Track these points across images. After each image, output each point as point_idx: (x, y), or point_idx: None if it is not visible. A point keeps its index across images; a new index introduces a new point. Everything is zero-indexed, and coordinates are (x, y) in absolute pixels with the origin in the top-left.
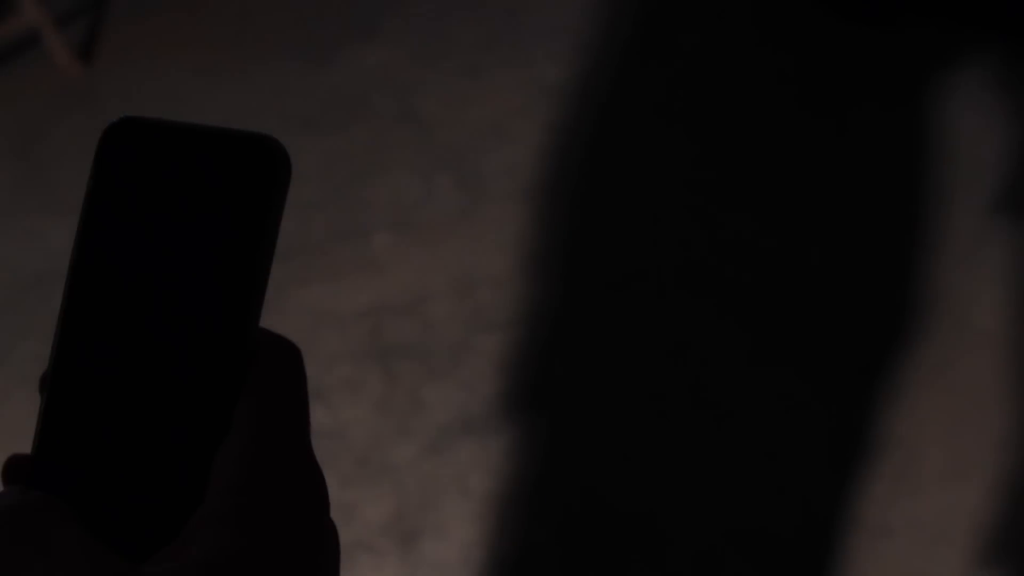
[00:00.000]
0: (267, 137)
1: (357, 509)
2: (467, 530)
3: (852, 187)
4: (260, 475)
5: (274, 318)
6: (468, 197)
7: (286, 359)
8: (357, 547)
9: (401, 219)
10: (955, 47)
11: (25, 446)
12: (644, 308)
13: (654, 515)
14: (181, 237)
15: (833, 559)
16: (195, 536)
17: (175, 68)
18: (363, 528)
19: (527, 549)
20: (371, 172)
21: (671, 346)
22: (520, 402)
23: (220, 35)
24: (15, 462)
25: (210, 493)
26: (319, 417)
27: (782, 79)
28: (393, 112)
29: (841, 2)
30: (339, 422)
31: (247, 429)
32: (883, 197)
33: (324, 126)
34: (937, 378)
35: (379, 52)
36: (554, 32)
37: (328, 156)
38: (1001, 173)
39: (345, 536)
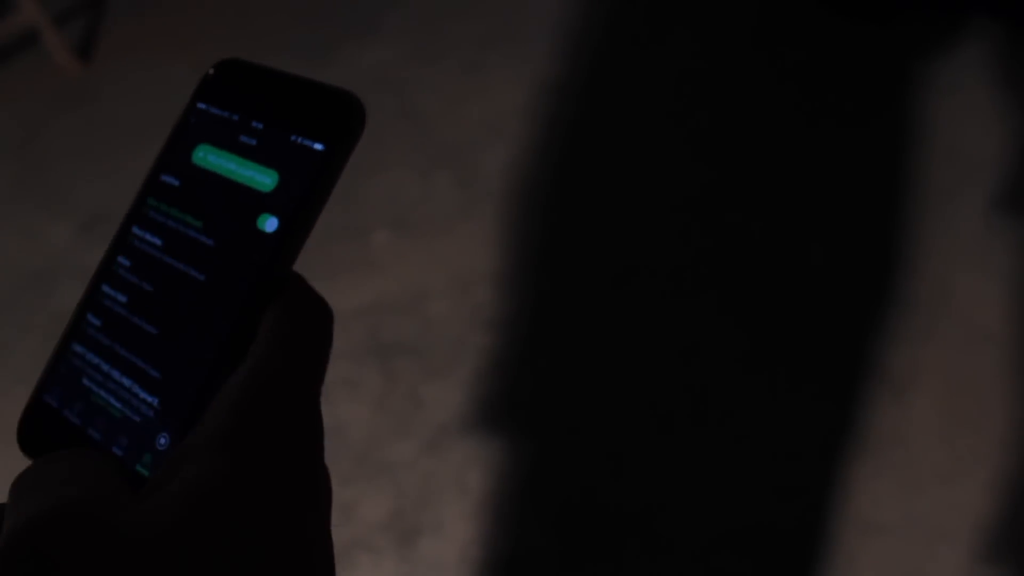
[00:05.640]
0: (347, 91)
1: (355, 508)
2: (466, 528)
3: (853, 185)
4: (260, 405)
5: None
6: (467, 195)
7: (313, 312)
8: (356, 546)
9: (400, 217)
10: (953, 44)
11: None
12: (643, 306)
13: (653, 513)
14: (245, 168)
15: (832, 557)
16: (187, 458)
17: (173, 66)
18: (362, 527)
19: (525, 547)
20: (370, 170)
21: (671, 344)
22: (518, 400)
23: (218, 33)
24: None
25: (208, 415)
26: None
27: (783, 76)
28: (392, 110)
29: (842, 0)
30: (337, 420)
31: (257, 362)
32: (884, 195)
33: None
34: (937, 377)
35: (378, 50)
36: (553, 29)
37: None
38: (1002, 170)
39: (343, 535)
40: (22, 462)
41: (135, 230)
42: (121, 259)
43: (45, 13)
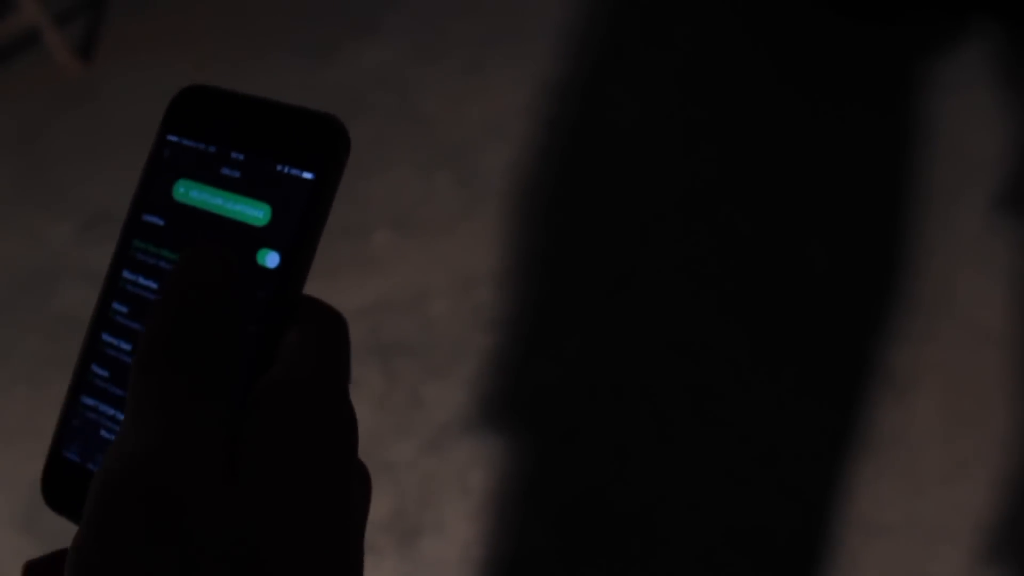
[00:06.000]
0: (330, 116)
1: None
2: (466, 528)
3: (853, 184)
4: (300, 403)
5: None
6: (468, 195)
7: (329, 321)
8: None
9: (400, 216)
10: (955, 43)
11: (27, 442)
12: (643, 306)
13: (653, 513)
14: (234, 203)
15: (833, 557)
16: (237, 456)
17: (174, 66)
18: None
19: (526, 547)
20: (371, 169)
21: (671, 344)
22: (519, 400)
23: (219, 33)
24: None
25: (251, 412)
26: None
27: (784, 77)
28: (393, 109)
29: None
30: None
31: (292, 365)
32: (885, 194)
33: None
34: (939, 377)
35: (379, 49)
36: (554, 30)
37: None
38: (1003, 170)
39: None
40: (23, 462)
41: (126, 274)
42: (117, 306)
43: (45, 13)
